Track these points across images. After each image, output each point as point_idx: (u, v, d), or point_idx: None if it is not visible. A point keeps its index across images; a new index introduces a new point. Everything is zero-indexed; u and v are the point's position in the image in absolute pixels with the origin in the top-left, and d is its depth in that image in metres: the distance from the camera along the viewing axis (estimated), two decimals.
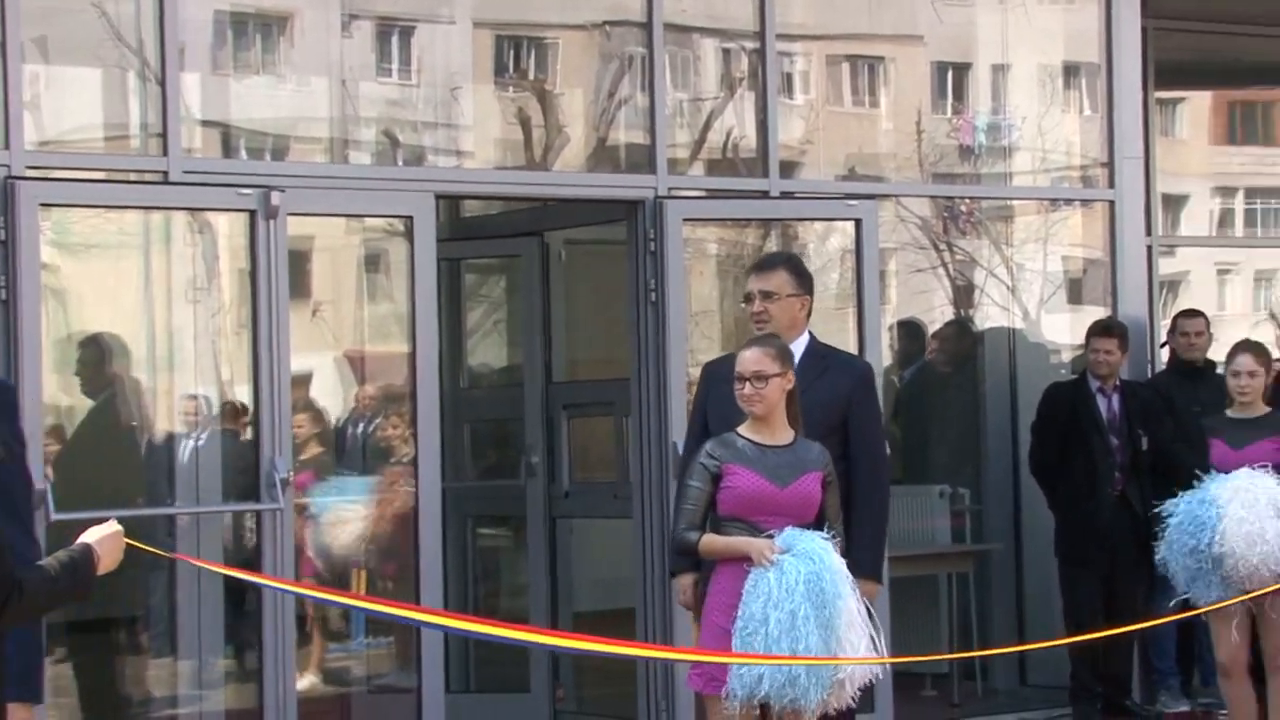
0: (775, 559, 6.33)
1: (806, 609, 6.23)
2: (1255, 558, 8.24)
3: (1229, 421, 8.69)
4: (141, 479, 8.96)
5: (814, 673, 6.26)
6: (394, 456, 9.75)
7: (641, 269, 9.30)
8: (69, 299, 8.83)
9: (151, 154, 8.51)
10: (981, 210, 11.49)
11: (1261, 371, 8.63)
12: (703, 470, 6.55)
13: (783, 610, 6.25)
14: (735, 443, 6.58)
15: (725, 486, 6.51)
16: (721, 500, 6.53)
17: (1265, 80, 13.67)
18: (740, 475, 6.50)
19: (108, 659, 9.04)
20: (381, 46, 9.48)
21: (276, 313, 8.33)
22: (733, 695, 6.34)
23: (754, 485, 6.48)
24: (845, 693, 6.42)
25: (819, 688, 6.29)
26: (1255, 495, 8.25)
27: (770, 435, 6.59)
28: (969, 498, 11.15)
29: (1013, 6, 11.17)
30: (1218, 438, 8.62)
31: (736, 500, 6.50)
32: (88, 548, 4.73)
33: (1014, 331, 11.42)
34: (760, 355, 6.59)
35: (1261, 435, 8.53)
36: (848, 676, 6.36)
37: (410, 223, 8.83)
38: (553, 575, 10.56)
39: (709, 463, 6.54)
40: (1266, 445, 8.50)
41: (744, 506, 6.49)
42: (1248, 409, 8.62)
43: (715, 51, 10.19)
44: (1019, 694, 10.98)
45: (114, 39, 8.55)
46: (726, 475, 6.52)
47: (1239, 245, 13.87)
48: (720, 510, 6.54)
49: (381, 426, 9.97)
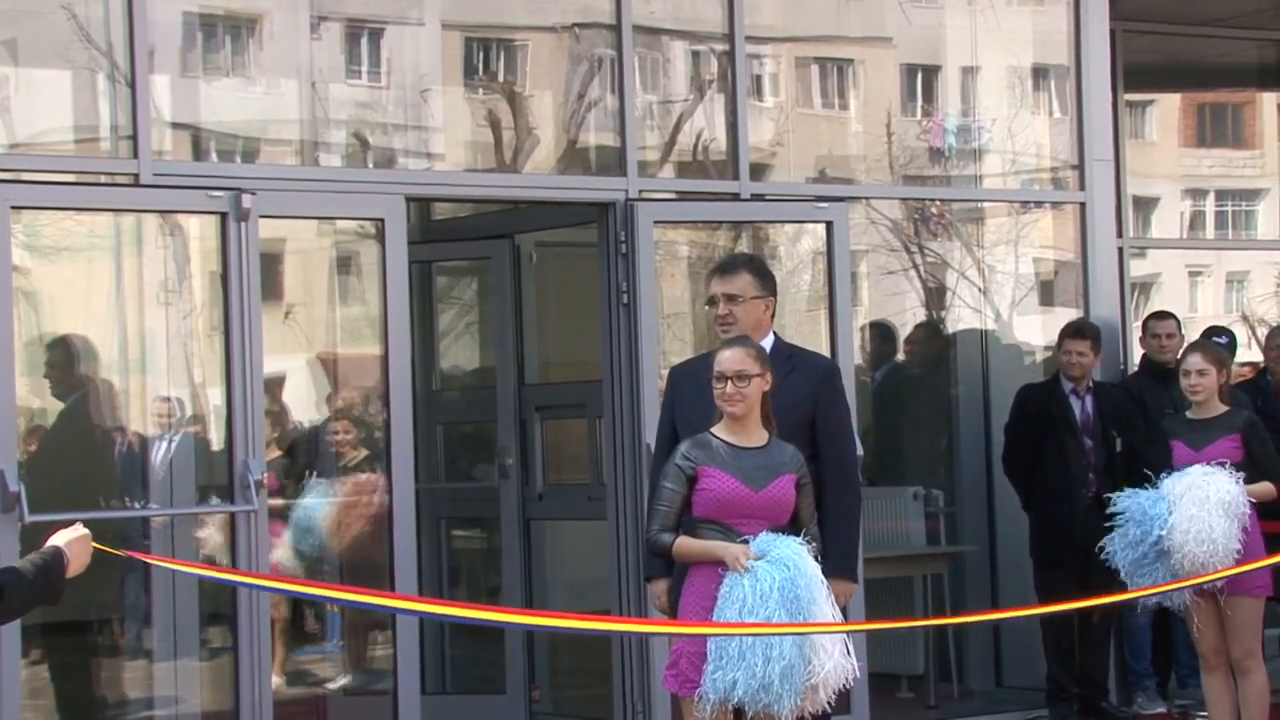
0: (750, 565, 6.37)
1: (781, 616, 6.26)
2: (1202, 554, 8.32)
3: (1187, 423, 8.77)
4: (115, 481, 8.97)
5: (788, 679, 6.29)
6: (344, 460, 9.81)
7: (613, 271, 9.34)
8: (40, 301, 8.84)
9: (122, 156, 8.53)
10: (952, 212, 11.53)
11: (1212, 370, 8.68)
12: (678, 472, 6.56)
13: (757, 617, 6.27)
14: (710, 444, 6.59)
15: (701, 489, 6.52)
16: (696, 502, 6.54)
17: (1234, 82, 13.76)
18: (715, 478, 6.51)
19: (85, 661, 9.05)
20: (351, 49, 9.50)
21: (249, 315, 8.33)
22: (705, 699, 6.37)
23: (729, 488, 6.50)
24: (820, 697, 6.45)
25: (792, 694, 6.31)
26: (1207, 493, 8.31)
27: (745, 437, 6.61)
28: (943, 499, 11.20)
29: (982, 9, 11.23)
30: (1178, 439, 8.69)
31: (711, 503, 6.52)
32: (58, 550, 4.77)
33: (986, 333, 11.47)
34: (742, 355, 6.63)
35: (1219, 435, 8.60)
36: (821, 681, 6.39)
37: (381, 225, 8.84)
38: (527, 577, 10.59)
39: (684, 464, 6.55)
40: (1224, 444, 8.57)
41: (719, 509, 6.51)
42: (1204, 409, 8.69)
43: (685, 54, 10.23)
44: (995, 695, 11.01)
45: (83, 41, 8.57)
46: (702, 477, 6.53)
47: (1210, 247, 13.91)
48: (695, 512, 6.55)
49: (338, 430, 10.00)
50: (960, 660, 11.08)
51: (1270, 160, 13.57)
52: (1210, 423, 8.65)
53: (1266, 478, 8.50)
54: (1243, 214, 13.97)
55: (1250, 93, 13.71)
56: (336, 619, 10.49)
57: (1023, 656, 10.92)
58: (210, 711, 8.75)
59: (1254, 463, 8.52)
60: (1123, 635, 10.79)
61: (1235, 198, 13.96)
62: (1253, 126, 13.88)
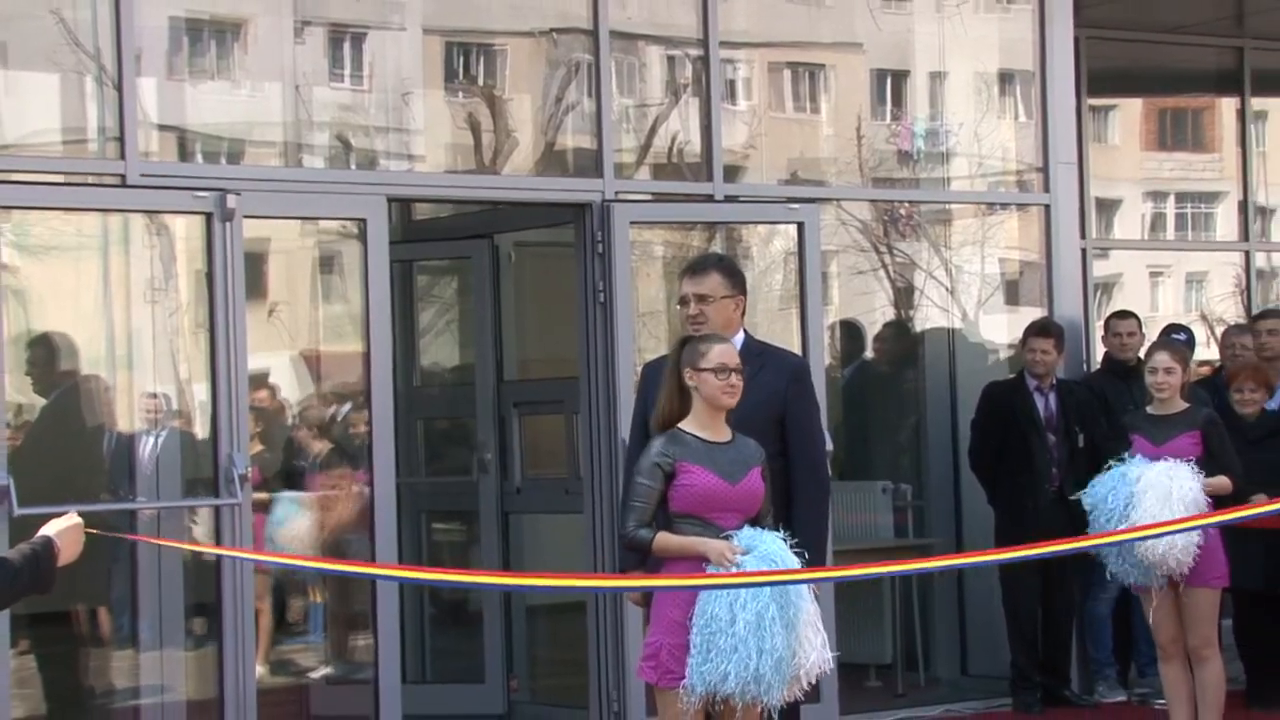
0: (737, 560, 6.32)
1: (774, 610, 6.20)
2: (1161, 547, 8.31)
3: (1148, 418, 8.75)
4: (103, 474, 8.94)
5: (779, 670, 6.24)
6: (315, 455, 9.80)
7: (590, 270, 9.33)
8: (29, 299, 8.80)
9: (109, 158, 8.50)
10: (920, 214, 11.54)
11: (1178, 369, 8.67)
12: (655, 468, 6.44)
13: (749, 612, 6.19)
14: (684, 439, 6.50)
15: (680, 484, 6.42)
16: (675, 498, 6.43)
17: (1194, 87, 13.79)
18: (695, 473, 6.42)
19: (71, 651, 9.03)
20: (334, 52, 9.48)
21: (233, 313, 8.32)
22: (691, 690, 6.30)
23: (708, 482, 6.41)
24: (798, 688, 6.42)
25: (782, 684, 6.27)
26: (1170, 489, 8.29)
27: (715, 432, 6.54)
28: (911, 493, 11.20)
29: (949, 15, 11.23)
30: (1139, 433, 8.68)
31: (691, 498, 6.42)
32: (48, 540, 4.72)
33: (953, 332, 11.48)
34: (734, 350, 6.61)
35: (1179, 431, 8.59)
36: (804, 670, 6.36)
37: (363, 225, 8.83)
38: (505, 568, 10.56)
39: (662, 460, 6.43)
40: (1184, 440, 8.56)
41: (699, 504, 6.42)
42: (1166, 405, 8.67)
43: (660, 59, 10.21)
44: (960, 684, 11.00)
45: (71, 45, 8.54)
46: (680, 473, 6.42)
47: (1170, 248, 13.91)
48: (673, 507, 6.44)
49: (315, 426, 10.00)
50: (927, 650, 11.08)
51: (1228, 164, 13.59)
52: (1171, 419, 8.64)
53: (1223, 473, 8.49)
54: (1202, 216, 13.99)
55: (1209, 98, 13.72)
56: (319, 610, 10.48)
57: (988, 646, 10.93)
58: (195, 700, 8.72)
59: (1212, 458, 8.51)
60: (1084, 625, 10.78)
61: (1195, 200, 13.98)
62: (1211, 131, 13.90)
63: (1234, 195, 13.50)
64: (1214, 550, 8.45)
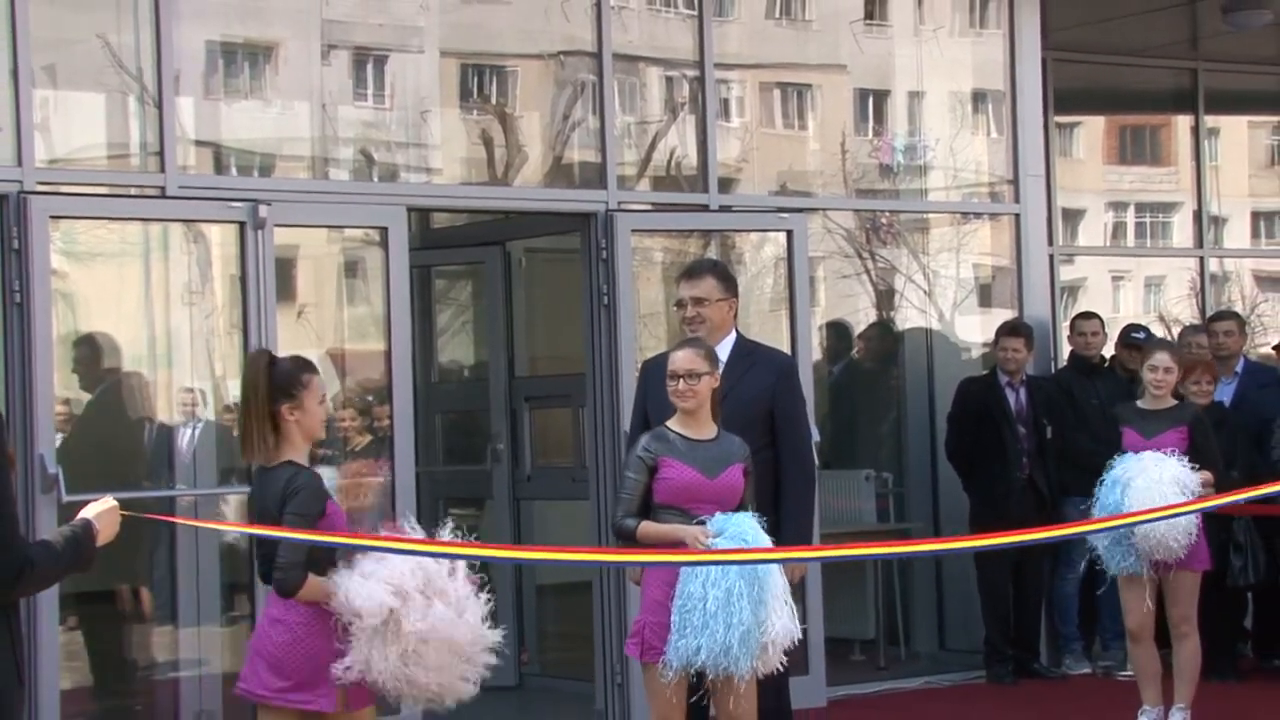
0: (708, 543, 6.32)
1: (740, 586, 6.21)
2: (1161, 528, 8.24)
3: (1139, 411, 8.68)
4: (143, 464, 8.94)
5: (745, 642, 6.23)
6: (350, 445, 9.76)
7: (594, 275, 9.32)
8: (76, 302, 8.82)
9: (150, 171, 8.50)
10: (900, 222, 11.53)
11: (1176, 369, 8.64)
12: (639, 463, 6.52)
13: (719, 589, 6.21)
14: (667, 437, 6.55)
15: (661, 478, 6.48)
16: (657, 490, 6.50)
17: (1153, 106, 13.79)
18: (674, 468, 6.48)
19: (116, 627, 9.02)
20: (358, 74, 9.47)
21: (265, 314, 8.31)
22: (668, 665, 6.30)
23: (687, 476, 6.46)
24: (771, 657, 6.40)
25: (748, 655, 6.26)
26: (1160, 474, 8.24)
27: (698, 430, 6.57)
28: (892, 481, 11.20)
29: (926, 39, 11.23)
30: (1129, 426, 8.60)
31: (671, 490, 6.48)
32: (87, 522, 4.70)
33: (931, 331, 11.47)
34: (693, 355, 6.57)
35: (1168, 425, 8.52)
36: (771, 641, 6.34)
37: (385, 233, 8.82)
38: None
39: (645, 456, 6.51)
40: (1172, 435, 8.49)
41: (678, 496, 6.47)
42: (1158, 401, 8.63)
43: (659, 79, 10.20)
44: (938, 658, 11.01)
45: (115, 66, 8.54)
46: (662, 467, 6.49)
47: (1131, 255, 13.94)
48: (656, 499, 6.50)
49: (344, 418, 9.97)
50: (907, 626, 11.07)
51: (1184, 177, 13.57)
52: (1161, 414, 8.58)
53: (1206, 467, 8.43)
54: (1160, 225, 13.98)
55: (1166, 116, 13.71)
56: None
57: (964, 622, 10.93)
58: (231, 673, 8.67)
59: (1197, 453, 8.45)
60: (1053, 603, 10.77)
61: (1153, 210, 13.97)
62: (1169, 146, 13.90)
63: (1189, 206, 13.47)
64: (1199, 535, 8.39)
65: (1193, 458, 8.36)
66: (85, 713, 8.63)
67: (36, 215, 7.87)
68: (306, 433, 5.94)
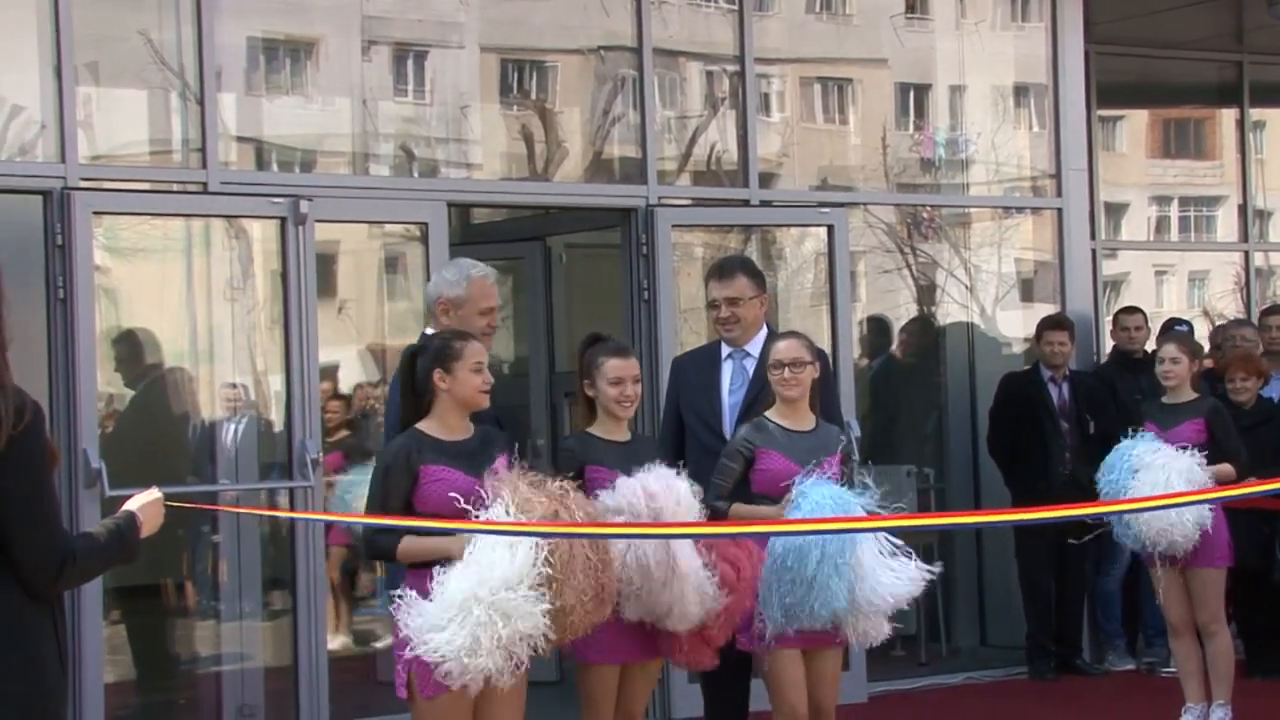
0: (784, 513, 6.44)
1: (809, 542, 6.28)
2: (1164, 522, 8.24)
3: (1160, 406, 8.70)
4: (186, 458, 8.99)
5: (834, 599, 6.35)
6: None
7: (635, 270, 9.35)
8: (119, 298, 8.87)
9: (192, 167, 8.57)
10: (941, 217, 11.50)
11: (1184, 358, 8.62)
12: (737, 453, 6.66)
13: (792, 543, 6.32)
14: (767, 427, 6.68)
15: (759, 469, 6.62)
16: (754, 480, 6.64)
17: (1197, 99, 13.74)
18: (772, 458, 6.60)
19: (159, 621, 9.08)
20: (398, 69, 9.51)
21: (306, 310, 8.37)
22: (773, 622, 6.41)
23: (782, 468, 6.58)
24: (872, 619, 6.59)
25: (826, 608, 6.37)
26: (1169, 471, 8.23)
27: (797, 420, 6.68)
28: (933, 476, 11.17)
29: (968, 33, 11.21)
30: (1150, 420, 8.65)
31: (765, 481, 6.61)
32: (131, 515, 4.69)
33: (972, 326, 11.45)
34: (796, 345, 6.69)
35: (1186, 418, 8.53)
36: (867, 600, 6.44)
37: (425, 228, 8.87)
38: None
39: (744, 447, 6.65)
40: (1189, 427, 8.50)
41: (773, 486, 6.59)
42: (1176, 394, 8.62)
43: (700, 74, 10.22)
44: (980, 654, 10.98)
45: (158, 63, 8.60)
46: (759, 459, 6.63)
47: (1174, 249, 13.89)
48: (753, 488, 6.64)
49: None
50: (949, 622, 11.05)
51: (1228, 170, 13.53)
52: (1180, 407, 8.60)
53: (1227, 459, 8.44)
54: (1204, 219, 13.94)
55: (1211, 109, 13.66)
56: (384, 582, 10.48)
57: (1005, 618, 10.91)
58: (272, 667, 8.77)
59: (1216, 445, 8.46)
60: (1095, 599, 10.76)
61: (1197, 204, 13.93)
62: (1213, 140, 13.85)
63: (1234, 199, 13.44)
64: (1218, 531, 8.36)
65: (1214, 451, 8.36)
66: (129, 706, 8.68)
67: (80, 211, 7.94)
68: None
